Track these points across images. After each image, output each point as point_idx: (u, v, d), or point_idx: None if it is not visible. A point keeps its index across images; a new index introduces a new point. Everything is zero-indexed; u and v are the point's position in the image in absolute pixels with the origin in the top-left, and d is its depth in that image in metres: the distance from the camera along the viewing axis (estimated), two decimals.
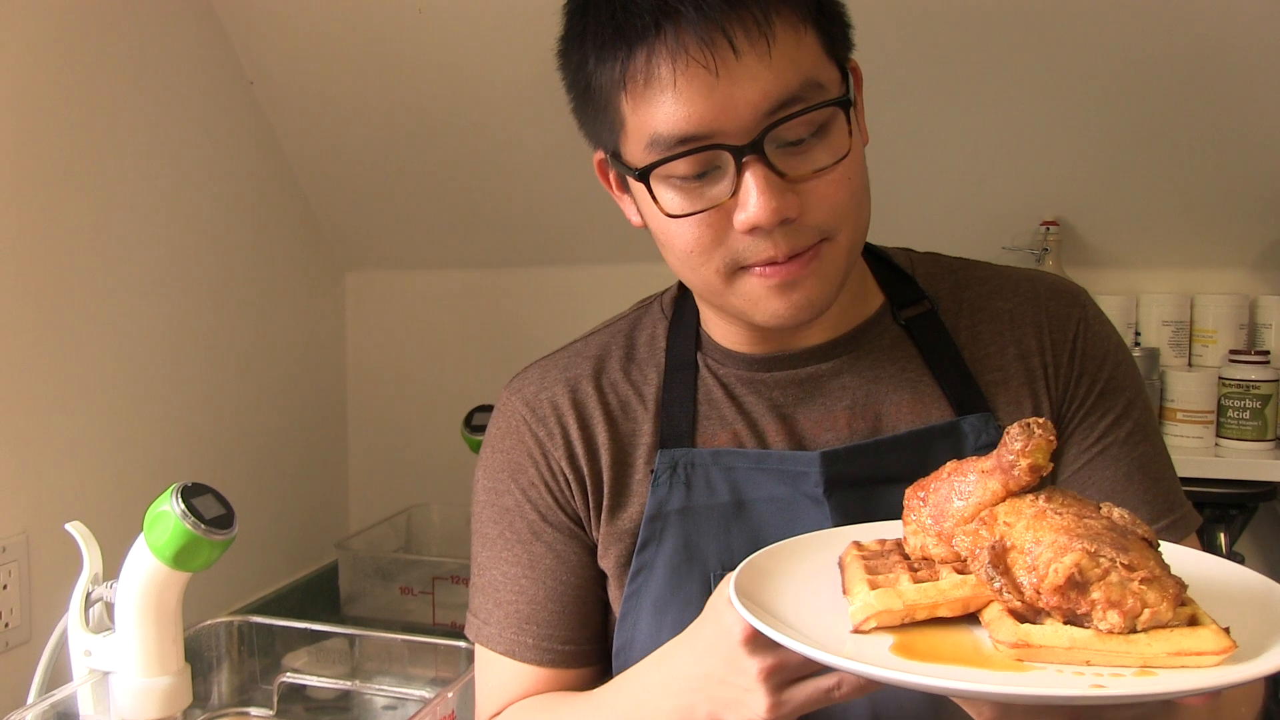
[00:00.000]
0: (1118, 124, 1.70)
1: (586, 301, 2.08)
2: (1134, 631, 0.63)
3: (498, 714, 0.99)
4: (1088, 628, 0.63)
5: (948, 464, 0.75)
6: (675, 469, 0.93)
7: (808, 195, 0.82)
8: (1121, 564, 0.63)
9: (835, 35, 0.85)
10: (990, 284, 0.99)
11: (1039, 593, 0.64)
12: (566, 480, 0.96)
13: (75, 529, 1.21)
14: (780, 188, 0.81)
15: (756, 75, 0.79)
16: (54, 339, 1.49)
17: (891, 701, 0.88)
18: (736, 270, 0.85)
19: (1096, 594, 0.63)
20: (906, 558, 0.74)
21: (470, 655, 1.37)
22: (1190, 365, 1.83)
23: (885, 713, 0.88)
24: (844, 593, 0.72)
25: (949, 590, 0.68)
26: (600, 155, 0.91)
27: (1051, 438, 0.69)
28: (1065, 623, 0.64)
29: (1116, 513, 0.68)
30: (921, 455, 0.91)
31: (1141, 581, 0.63)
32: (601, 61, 0.83)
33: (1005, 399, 0.94)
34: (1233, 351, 1.76)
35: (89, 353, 1.55)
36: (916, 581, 0.69)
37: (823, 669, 0.72)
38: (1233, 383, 1.73)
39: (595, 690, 0.93)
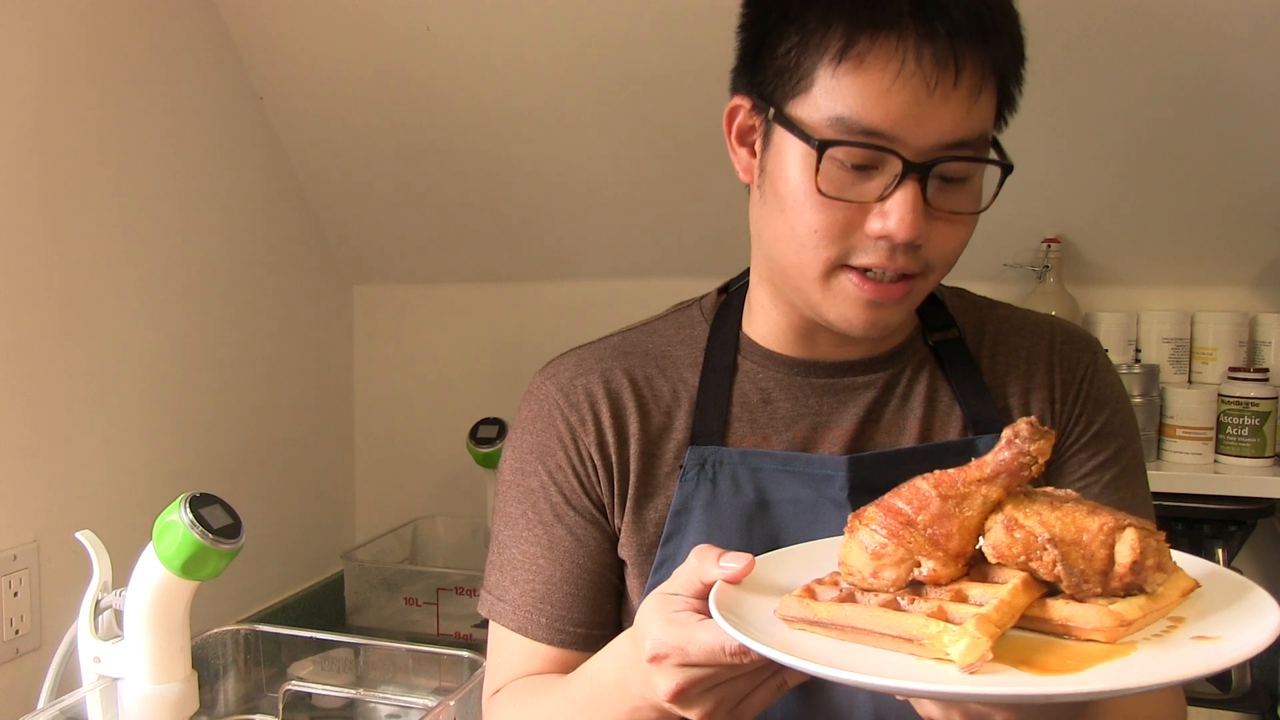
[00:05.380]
0: (1119, 142, 1.71)
1: (592, 316, 2.08)
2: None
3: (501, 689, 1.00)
4: (1136, 594, 0.67)
5: (910, 486, 0.73)
6: (704, 466, 0.96)
7: (933, 230, 0.86)
8: (1149, 530, 0.68)
9: (1005, 111, 0.90)
10: (1010, 323, 1.04)
11: (1104, 575, 0.67)
12: (594, 466, 0.98)
13: (85, 537, 1.22)
14: (924, 213, 0.85)
15: (956, 109, 0.83)
16: (64, 350, 1.51)
17: (893, 706, 0.89)
18: (839, 267, 0.88)
19: (1149, 561, 0.67)
20: (866, 590, 0.72)
21: (472, 665, 1.38)
22: (1190, 382, 1.84)
23: (889, 714, 0.90)
24: (889, 638, 0.67)
25: (1013, 601, 0.67)
26: (739, 103, 0.92)
27: (1052, 434, 0.72)
28: (1124, 595, 0.67)
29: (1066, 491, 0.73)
30: (938, 469, 0.94)
31: (1158, 541, 0.68)
32: (826, 23, 0.84)
33: None
34: (1232, 368, 1.77)
35: (99, 364, 1.57)
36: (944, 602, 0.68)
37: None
38: (1232, 400, 1.74)
39: (568, 677, 0.93)
